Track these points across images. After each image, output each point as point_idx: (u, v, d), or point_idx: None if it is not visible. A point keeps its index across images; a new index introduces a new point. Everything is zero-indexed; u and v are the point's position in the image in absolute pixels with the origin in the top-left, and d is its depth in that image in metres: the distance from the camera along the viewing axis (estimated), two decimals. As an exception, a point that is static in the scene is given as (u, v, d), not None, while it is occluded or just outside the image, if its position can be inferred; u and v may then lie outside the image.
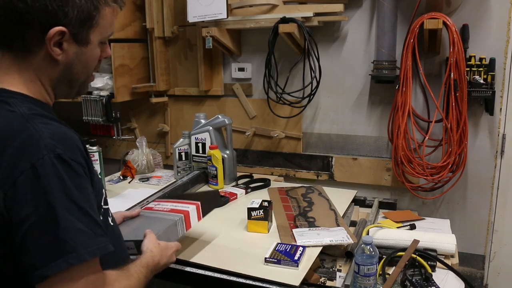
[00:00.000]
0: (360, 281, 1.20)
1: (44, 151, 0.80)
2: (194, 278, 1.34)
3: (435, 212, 2.01)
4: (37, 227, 0.79)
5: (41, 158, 0.80)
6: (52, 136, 0.83)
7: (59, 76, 0.95)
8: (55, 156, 0.81)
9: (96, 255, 0.83)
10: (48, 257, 0.78)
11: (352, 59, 2.05)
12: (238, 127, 2.31)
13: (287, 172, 2.25)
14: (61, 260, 0.78)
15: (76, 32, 0.91)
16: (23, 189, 0.79)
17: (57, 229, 0.79)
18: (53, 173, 0.80)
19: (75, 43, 0.92)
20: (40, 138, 0.82)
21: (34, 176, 0.79)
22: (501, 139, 1.87)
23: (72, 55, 0.93)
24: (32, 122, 0.84)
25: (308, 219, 1.62)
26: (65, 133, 0.86)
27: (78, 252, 0.80)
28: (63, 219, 0.79)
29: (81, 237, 0.81)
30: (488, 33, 1.80)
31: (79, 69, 0.96)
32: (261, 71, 2.17)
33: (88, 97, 2.33)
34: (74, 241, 0.80)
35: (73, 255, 0.79)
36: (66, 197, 0.81)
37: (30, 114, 0.86)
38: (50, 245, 0.79)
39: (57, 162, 0.81)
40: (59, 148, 0.82)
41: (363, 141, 2.11)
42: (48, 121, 0.86)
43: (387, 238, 1.46)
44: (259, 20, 2.02)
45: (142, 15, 2.32)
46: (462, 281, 1.32)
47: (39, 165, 0.79)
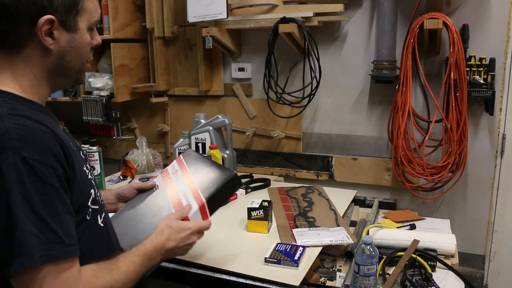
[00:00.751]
0: (360, 281, 1.20)
1: (10, 152, 0.81)
2: (194, 278, 1.34)
3: (435, 212, 2.01)
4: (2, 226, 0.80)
5: (6, 159, 0.80)
6: (21, 138, 0.83)
7: (54, 66, 0.96)
8: (20, 158, 0.81)
9: (45, 262, 0.82)
10: (5, 257, 0.80)
11: (352, 59, 2.05)
12: (238, 127, 2.31)
13: (287, 172, 2.25)
14: (16, 261, 0.80)
15: (64, 19, 0.93)
16: None
17: (14, 230, 0.80)
18: (14, 176, 0.80)
19: (65, 30, 0.94)
20: (8, 139, 0.82)
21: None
22: (501, 139, 1.87)
23: (64, 43, 0.95)
24: (6, 122, 0.84)
25: (308, 219, 1.62)
26: (37, 135, 0.85)
27: (32, 255, 0.81)
28: (20, 221, 0.80)
29: (34, 241, 0.81)
30: (488, 33, 1.80)
31: (72, 57, 0.97)
32: (261, 71, 2.17)
33: (88, 97, 2.33)
34: (29, 243, 0.80)
35: (26, 257, 0.80)
36: (25, 201, 0.81)
37: (8, 114, 0.86)
38: (7, 246, 0.80)
39: (20, 165, 0.81)
40: (26, 151, 0.82)
41: (363, 141, 2.11)
42: (25, 122, 0.86)
43: (387, 238, 1.46)
44: (259, 20, 2.02)
45: (142, 15, 2.32)
46: (462, 281, 1.32)
47: (3, 166, 0.80)
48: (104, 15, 2.22)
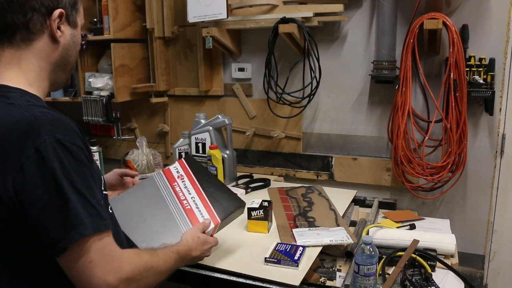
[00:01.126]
0: (360, 281, 1.20)
1: (45, 136, 0.86)
2: (194, 278, 1.34)
3: (435, 212, 2.01)
4: (50, 205, 0.85)
5: (43, 142, 0.85)
6: (51, 123, 0.88)
7: (59, 59, 1.02)
8: (55, 140, 0.86)
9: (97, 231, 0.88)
10: (64, 230, 0.85)
11: (352, 59, 2.05)
12: (238, 127, 2.31)
13: (287, 172, 2.25)
14: (73, 232, 0.85)
15: (69, 14, 1.01)
16: (31, 172, 0.85)
17: (68, 204, 0.85)
18: (54, 156, 0.86)
19: (69, 25, 1.02)
20: (40, 125, 0.87)
21: (39, 159, 0.85)
22: (501, 139, 1.87)
23: (68, 36, 1.02)
24: (31, 111, 0.89)
25: (308, 219, 1.62)
26: (62, 120, 0.91)
27: (86, 225, 0.86)
28: (71, 194, 0.86)
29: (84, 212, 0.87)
30: (488, 33, 1.81)
31: (73, 52, 1.05)
32: (261, 71, 2.18)
33: (88, 97, 2.33)
34: (82, 215, 0.86)
35: (82, 227, 0.85)
36: (66, 179, 0.86)
37: (28, 105, 0.91)
38: (64, 219, 0.85)
39: (57, 146, 0.86)
40: (59, 133, 0.87)
41: (363, 141, 2.11)
42: (45, 110, 0.92)
43: (387, 238, 1.46)
44: (259, 20, 2.02)
45: (142, 15, 2.32)
46: (462, 281, 1.32)
47: (42, 149, 0.85)
48: (104, 15, 2.22)
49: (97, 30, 2.28)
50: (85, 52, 2.36)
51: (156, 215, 1.29)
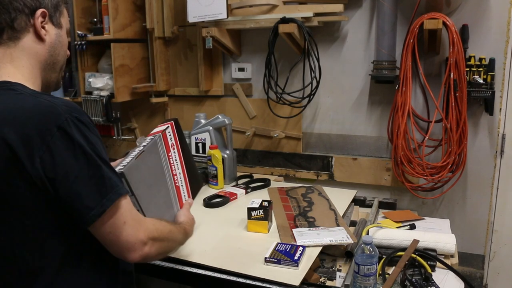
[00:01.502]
0: (360, 281, 1.20)
1: (65, 115, 0.92)
2: (194, 278, 1.34)
3: (435, 212, 2.02)
4: (83, 174, 0.92)
5: (65, 120, 0.92)
6: (65, 105, 0.95)
7: (46, 57, 1.07)
8: (74, 118, 0.93)
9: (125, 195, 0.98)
10: (101, 194, 0.93)
11: (352, 59, 2.05)
12: (238, 127, 2.31)
13: (287, 172, 2.25)
14: (111, 193, 0.94)
15: (52, 15, 1.07)
16: (58, 148, 0.90)
17: (101, 171, 0.93)
18: (77, 131, 0.93)
19: (53, 25, 1.07)
20: (57, 106, 0.93)
21: (64, 136, 0.91)
22: (501, 139, 1.87)
23: (53, 36, 1.07)
24: (42, 97, 0.96)
25: (308, 219, 1.62)
26: (72, 103, 0.98)
27: (120, 185, 0.97)
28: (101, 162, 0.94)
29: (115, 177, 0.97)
30: (487, 33, 1.81)
31: (60, 51, 1.10)
32: (261, 71, 2.18)
33: (88, 97, 2.33)
34: (114, 178, 0.96)
35: (118, 187, 0.95)
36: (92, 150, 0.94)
37: (36, 93, 0.99)
38: (99, 185, 0.93)
39: (77, 122, 0.93)
40: (75, 112, 0.94)
41: (363, 141, 2.11)
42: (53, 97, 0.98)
43: (387, 238, 1.46)
44: (259, 20, 2.02)
45: (142, 15, 2.32)
46: (462, 281, 1.32)
47: (65, 125, 0.91)
48: (104, 15, 2.22)
49: (97, 30, 2.28)
50: (85, 52, 2.36)
51: (160, 191, 1.30)
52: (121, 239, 0.96)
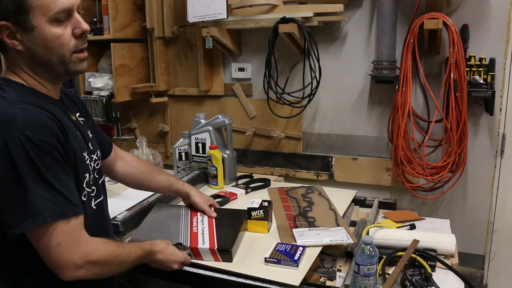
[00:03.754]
0: (360, 281, 1.20)
1: (16, 132, 0.95)
2: (194, 278, 1.34)
3: (435, 212, 2.01)
4: (10, 194, 0.95)
5: (12, 138, 0.94)
6: (25, 120, 0.96)
7: (32, 62, 1.06)
8: (24, 136, 0.95)
9: (57, 219, 0.98)
10: (20, 218, 0.96)
11: (352, 59, 2.05)
12: (238, 127, 2.31)
13: (287, 172, 2.25)
14: (29, 220, 0.96)
15: (16, 21, 1.00)
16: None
17: (26, 196, 0.95)
18: (21, 151, 0.95)
19: (23, 31, 1.01)
20: (14, 121, 0.96)
21: (6, 153, 0.94)
22: (501, 139, 1.87)
23: (26, 42, 1.02)
24: (13, 107, 0.98)
25: (308, 219, 1.62)
26: (39, 118, 0.99)
27: (43, 215, 0.96)
28: (31, 188, 0.95)
29: (45, 204, 0.97)
30: (488, 33, 1.81)
31: (42, 52, 1.04)
32: (261, 71, 2.18)
33: (88, 97, 2.33)
34: (40, 206, 0.96)
35: (39, 217, 0.96)
36: (33, 171, 0.96)
37: (16, 100, 1.00)
38: (21, 209, 0.96)
39: (25, 142, 0.95)
40: (29, 131, 0.96)
41: (363, 141, 2.11)
42: (29, 107, 1.00)
43: (387, 238, 1.46)
44: (259, 20, 2.02)
45: (142, 15, 2.32)
46: (462, 281, 1.32)
47: (10, 144, 0.94)
48: (104, 15, 2.22)
49: (97, 30, 2.28)
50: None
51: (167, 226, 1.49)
52: (52, 258, 1.00)
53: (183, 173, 2.15)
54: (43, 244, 0.99)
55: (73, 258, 1.00)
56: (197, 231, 1.45)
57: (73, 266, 1.00)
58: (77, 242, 1.02)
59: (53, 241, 0.98)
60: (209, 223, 1.51)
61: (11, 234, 0.96)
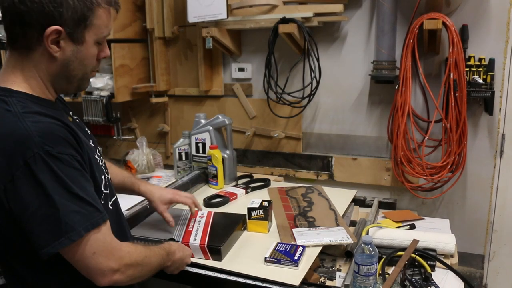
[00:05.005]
0: (360, 281, 1.20)
1: (35, 149, 0.91)
2: (194, 278, 1.34)
3: (434, 212, 2.02)
4: (39, 213, 0.92)
5: (32, 156, 0.91)
6: (41, 134, 0.93)
7: (58, 72, 1.04)
8: (44, 152, 0.92)
9: (89, 230, 0.97)
10: (53, 237, 0.93)
11: (352, 59, 2.05)
12: (238, 127, 2.31)
13: (287, 172, 2.25)
14: (63, 238, 0.93)
15: (71, 31, 1.00)
16: (21, 183, 0.92)
17: (57, 214, 0.93)
18: (44, 167, 0.92)
19: (71, 41, 1.01)
20: (30, 137, 0.92)
21: (28, 172, 0.91)
22: (501, 139, 1.87)
23: (69, 52, 1.02)
24: (23, 121, 0.94)
25: (308, 219, 1.62)
26: (53, 130, 0.96)
27: (77, 230, 0.95)
28: (60, 204, 0.93)
29: (76, 217, 0.95)
30: (487, 34, 1.81)
31: (75, 66, 1.05)
32: (261, 71, 2.18)
33: (89, 97, 2.33)
34: (72, 221, 0.94)
35: (73, 233, 0.94)
36: (59, 186, 0.93)
37: (23, 112, 0.96)
38: (52, 227, 0.93)
39: (46, 158, 0.92)
40: (48, 145, 0.93)
41: (363, 141, 2.11)
42: (39, 119, 0.96)
43: (386, 238, 1.47)
44: (259, 20, 2.03)
45: (142, 15, 2.32)
46: (462, 281, 1.32)
47: (31, 162, 0.91)
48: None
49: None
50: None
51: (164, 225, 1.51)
52: (91, 267, 1.00)
53: (183, 173, 2.16)
54: (79, 256, 0.98)
55: (110, 264, 1.01)
56: (191, 230, 1.48)
57: (110, 271, 1.01)
58: (110, 248, 1.02)
59: (88, 251, 0.98)
60: (205, 223, 1.53)
61: (45, 254, 0.94)
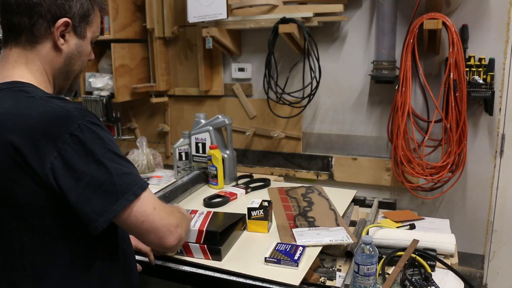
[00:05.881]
0: (360, 281, 1.20)
1: (78, 121, 0.93)
2: (194, 278, 1.34)
3: (434, 212, 2.02)
4: (94, 181, 0.93)
5: (77, 127, 0.93)
6: (76, 109, 0.96)
7: (60, 65, 1.07)
8: (86, 122, 0.94)
9: (145, 188, 1.00)
10: (111, 201, 0.94)
11: (351, 59, 2.05)
12: (238, 127, 2.31)
13: (287, 172, 2.25)
14: (122, 199, 0.95)
15: (77, 25, 1.05)
16: (70, 156, 0.92)
17: (112, 178, 0.94)
18: (92, 135, 0.94)
19: (75, 35, 1.06)
20: (69, 112, 0.94)
21: (77, 143, 0.92)
22: (501, 139, 1.87)
23: (72, 46, 1.06)
24: (53, 102, 0.96)
25: (308, 219, 1.62)
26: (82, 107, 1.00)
27: (132, 189, 0.97)
28: (113, 168, 0.95)
29: (130, 178, 0.97)
30: (487, 33, 1.81)
31: (77, 60, 1.09)
32: (261, 71, 2.18)
33: (89, 97, 2.33)
34: (127, 183, 0.96)
35: (129, 193, 0.96)
36: (108, 151, 0.96)
37: (47, 97, 0.98)
38: (110, 192, 0.94)
39: (91, 126, 0.95)
40: (87, 116, 0.96)
41: (363, 141, 2.11)
42: (64, 101, 0.99)
43: (386, 238, 1.47)
44: (259, 20, 2.03)
45: (142, 15, 2.32)
46: (462, 281, 1.32)
47: (78, 133, 0.92)
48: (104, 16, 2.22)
49: (97, 30, 2.28)
50: (85, 52, 2.36)
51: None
52: (156, 224, 1.00)
53: (183, 173, 2.16)
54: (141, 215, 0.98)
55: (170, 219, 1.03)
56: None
57: (174, 226, 1.03)
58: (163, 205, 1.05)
59: (149, 208, 0.99)
60: (204, 217, 1.49)
61: (103, 222, 0.94)
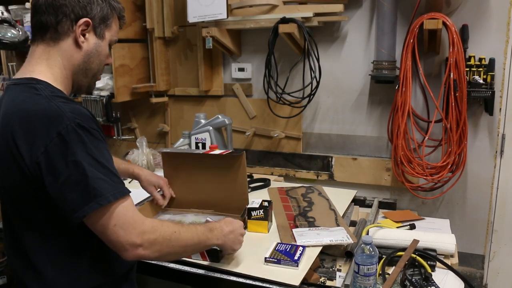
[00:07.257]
0: (360, 281, 1.20)
1: (67, 122, 0.99)
2: (194, 278, 1.34)
3: (434, 212, 2.02)
4: (70, 180, 0.99)
5: (65, 127, 0.99)
6: (71, 111, 1.02)
7: (79, 62, 1.14)
8: (75, 124, 1.00)
9: (118, 198, 1.02)
10: (83, 201, 0.99)
11: (352, 59, 2.05)
12: (238, 127, 2.31)
13: (287, 172, 2.25)
14: (93, 202, 0.99)
15: (96, 25, 1.14)
16: (54, 153, 0.98)
17: (87, 180, 0.99)
18: (76, 138, 0.99)
19: (95, 35, 1.15)
20: (62, 113, 1.00)
21: (61, 142, 0.98)
22: (501, 139, 1.87)
23: (92, 44, 1.15)
24: (54, 101, 1.03)
25: (308, 219, 1.62)
26: (80, 109, 1.05)
27: (105, 195, 1.00)
28: (89, 171, 0.99)
29: (104, 185, 1.01)
30: (487, 33, 1.81)
31: (95, 59, 1.17)
32: (261, 71, 2.18)
33: (88, 97, 2.33)
34: (101, 187, 1.00)
35: (101, 198, 0.99)
36: (88, 155, 1.00)
37: (52, 96, 1.05)
38: (83, 192, 0.99)
39: (78, 129, 1.00)
40: (78, 119, 1.01)
41: (363, 141, 2.11)
42: (67, 101, 1.05)
43: (387, 238, 1.47)
44: (259, 20, 2.02)
45: (142, 15, 2.32)
46: (462, 281, 1.32)
47: (64, 133, 0.98)
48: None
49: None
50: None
51: None
52: (112, 239, 1.03)
53: (183, 173, 2.15)
54: (101, 226, 1.02)
55: (131, 238, 1.03)
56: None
57: (131, 245, 1.03)
58: (132, 221, 1.04)
59: (110, 222, 1.01)
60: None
61: (76, 218, 0.99)
